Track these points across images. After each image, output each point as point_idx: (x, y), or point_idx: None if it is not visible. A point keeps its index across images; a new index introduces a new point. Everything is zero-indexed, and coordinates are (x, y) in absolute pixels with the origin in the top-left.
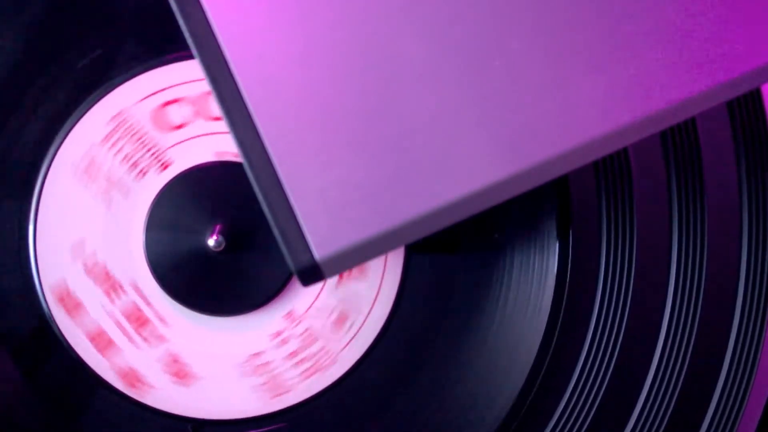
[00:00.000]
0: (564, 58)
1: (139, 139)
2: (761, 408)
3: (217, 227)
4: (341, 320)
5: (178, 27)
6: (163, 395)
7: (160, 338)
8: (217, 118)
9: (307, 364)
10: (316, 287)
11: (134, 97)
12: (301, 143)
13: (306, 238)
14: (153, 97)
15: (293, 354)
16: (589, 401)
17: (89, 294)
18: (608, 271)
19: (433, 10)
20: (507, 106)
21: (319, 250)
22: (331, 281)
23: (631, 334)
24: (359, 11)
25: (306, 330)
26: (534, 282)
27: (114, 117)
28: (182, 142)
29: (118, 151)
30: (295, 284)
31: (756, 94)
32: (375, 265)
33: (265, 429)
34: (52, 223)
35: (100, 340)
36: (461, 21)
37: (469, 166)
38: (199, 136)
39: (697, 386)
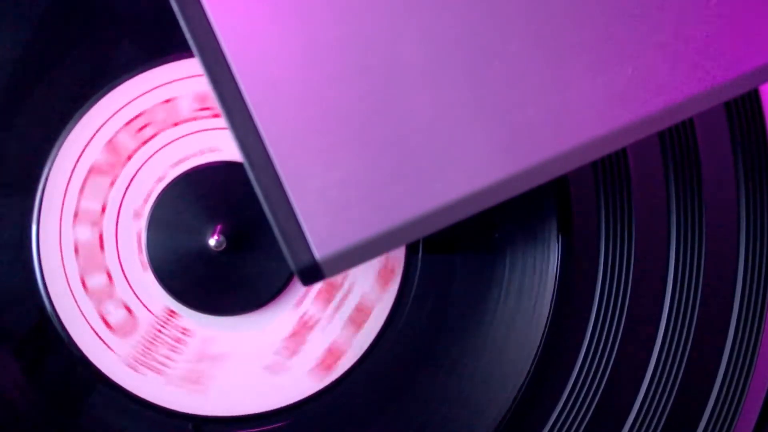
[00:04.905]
0: (563, 57)
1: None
2: (760, 403)
3: (218, 227)
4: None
5: (177, 27)
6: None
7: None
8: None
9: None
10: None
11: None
12: (301, 143)
13: (306, 237)
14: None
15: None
16: (589, 398)
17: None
18: (607, 270)
19: (432, 11)
20: (506, 106)
21: (320, 249)
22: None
23: (630, 333)
24: (359, 12)
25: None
26: (534, 282)
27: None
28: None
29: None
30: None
31: (754, 94)
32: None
33: (266, 428)
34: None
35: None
36: (461, 22)
37: (468, 166)
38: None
39: (696, 384)
